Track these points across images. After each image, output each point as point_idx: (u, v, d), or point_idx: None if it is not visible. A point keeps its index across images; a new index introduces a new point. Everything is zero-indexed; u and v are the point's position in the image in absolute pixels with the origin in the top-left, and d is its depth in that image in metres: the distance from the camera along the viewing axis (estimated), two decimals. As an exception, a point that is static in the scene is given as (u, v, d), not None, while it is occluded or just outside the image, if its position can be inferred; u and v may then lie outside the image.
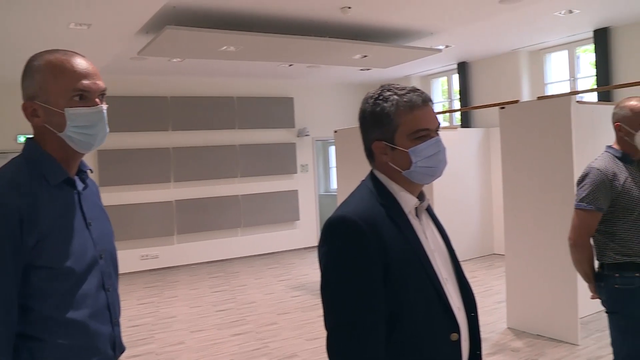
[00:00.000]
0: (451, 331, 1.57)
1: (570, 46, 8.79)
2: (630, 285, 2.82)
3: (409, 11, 6.61)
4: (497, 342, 5.14)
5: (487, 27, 7.58)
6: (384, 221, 1.54)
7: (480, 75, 9.95)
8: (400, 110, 1.57)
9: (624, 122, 2.91)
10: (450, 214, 8.44)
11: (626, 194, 2.82)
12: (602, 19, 7.60)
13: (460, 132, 9.14)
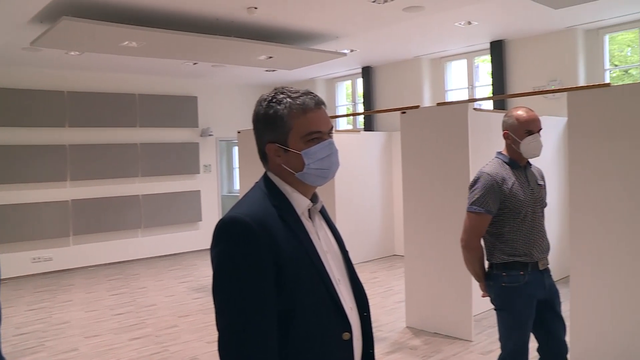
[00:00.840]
0: (343, 330, 1.60)
1: (469, 55, 9.18)
2: (516, 283, 2.99)
3: (315, 14, 6.67)
4: (396, 340, 5.27)
5: (391, 34, 7.77)
6: (276, 222, 1.55)
7: (383, 80, 10.19)
8: (293, 113, 1.59)
9: (511, 131, 3.08)
10: (352, 215, 8.58)
11: (513, 197, 2.99)
12: (499, 32, 8.00)
13: (363, 135, 9.32)
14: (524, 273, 2.99)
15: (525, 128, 3.04)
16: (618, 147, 4.12)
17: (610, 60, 8.06)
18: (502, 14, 6.98)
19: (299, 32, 7.54)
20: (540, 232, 3.08)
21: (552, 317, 3.12)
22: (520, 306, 3.01)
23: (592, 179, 4.24)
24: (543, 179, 3.25)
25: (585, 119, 4.28)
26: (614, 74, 8.21)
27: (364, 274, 8.07)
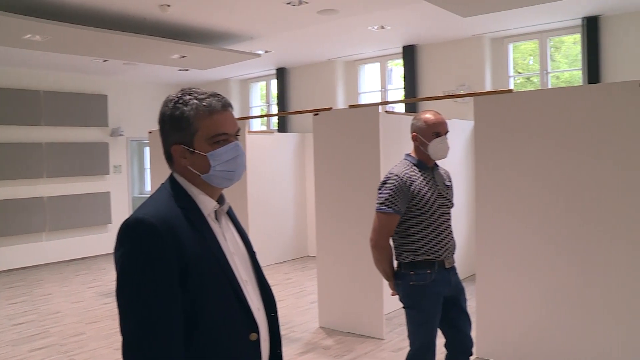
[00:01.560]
0: (250, 331, 1.61)
1: (382, 59, 9.37)
2: (423, 281, 3.08)
3: (229, 14, 6.61)
4: (310, 341, 5.30)
5: (306, 36, 7.82)
6: (182, 224, 1.54)
7: (298, 81, 10.24)
8: (199, 115, 1.59)
9: (420, 133, 3.17)
10: (265, 217, 8.56)
11: (421, 198, 3.07)
12: (411, 37, 8.21)
13: (276, 136, 9.33)
14: (431, 271, 3.09)
15: (433, 130, 3.13)
16: (521, 150, 4.33)
17: (514, 68, 8.46)
18: (414, 19, 7.17)
19: (213, 32, 7.45)
20: (446, 231, 3.19)
21: (458, 313, 3.24)
22: (428, 304, 3.10)
23: (497, 180, 4.44)
24: (450, 180, 3.36)
25: (490, 123, 4.47)
26: (517, 81, 8.62)
27: (277, 275, 8.08)
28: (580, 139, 4.10)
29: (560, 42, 8.65)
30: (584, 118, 4.09)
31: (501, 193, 4.42)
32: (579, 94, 4.23)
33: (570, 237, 4.15)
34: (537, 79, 8.18)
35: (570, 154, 4.14)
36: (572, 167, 4.14)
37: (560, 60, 8.85)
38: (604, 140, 4.01)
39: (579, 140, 4.11)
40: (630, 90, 3.93)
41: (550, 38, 8.08)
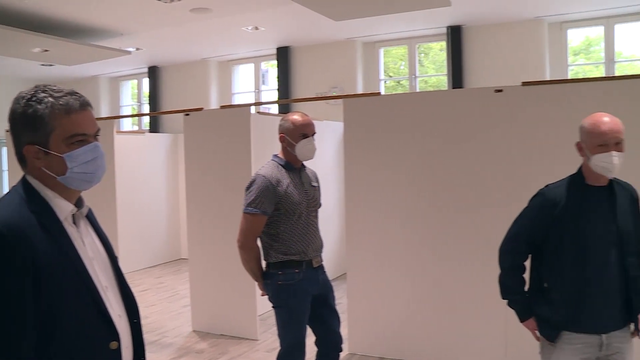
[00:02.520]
0: (111, 340, 1.55)
1: (257, 60, 9.38)
2: (292, 281, 3.11)
3: (97, 8, 6.32)
4: (182, 345, 5.19)
5: (178, 34, 7.66)
6: (34, 229, 1.45)
7: (170, 80, 9.99)
8: (55, 114, 1.50)
9: (287, 134, 3.20)
10: (136, 219, 8.28)
11: (288, 199, 3.10)
12: (285, 38, 8.28)
13: (148, 137, 9.05)
14: (299, 271, 3.13)
15: (301, 132, 3.17)
16: (388, 150, 4.50)
17: (385, 72, 8.79)
18: (288, 21, 7.24)
19: (80, 26, 7.09)
20: (314, 231, 3.24)
21: (327, 311, 3.30)
22: (296, 302, 3.13)
23: (365, 181, 4.58)
24: (317, 180, 3.42)
25: (358, 125, 4.61)
26: (388, 84, 8.96)
27: (149, 279, 7.83)
28: (444, 140, 4.33)
29: (429, 49, 9.11)
30: (448, 120, 4.32)
31: (369, 193, 4.57)
32: (443, 98, 4.47)
33: (436, 234, 4.37)
34: (406, 83, 8.55)
35: (435, 155, 4.36)
36: (436, 167, 4.36)
37: (428, 65, 9.32)
38: (465, 141, 4.26)
39: (443, 141, 4.33)
40: (488, 95, 4.21)
41: (419, 44, 8.47)
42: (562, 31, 7.61)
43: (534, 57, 7.46)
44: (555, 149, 3.85)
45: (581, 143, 2.40)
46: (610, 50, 7.48)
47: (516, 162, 4.12)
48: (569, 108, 3.76)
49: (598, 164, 2.33)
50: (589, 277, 2.35)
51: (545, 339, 2.45)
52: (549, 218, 2.41)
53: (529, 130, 4.09)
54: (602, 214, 2.40)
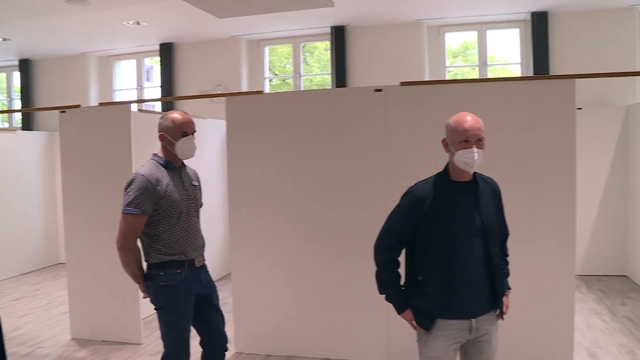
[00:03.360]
0: None
1: (139, 56, 9.08)
2: (174, 281, 3.05)
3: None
4: (61, 355, 4.92)
5: (53, 25, 7.26)
6: None
7: (45, 75, 9.46)
8: None
9: (167, 132, 3.12)
10: (8, 223, 7.81)
11: (168, 198, 3.03)
12: (168, 35, 8.08)
13: (20, 134, 8.48)
14: (181, 271, 3.07)
15: (180, 130, 3.11)
16: (271, 149, 4.51)
17: (271, 70, 8.79)
18: (171, 17, 7.07)
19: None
20: (195, 231, 3.19)
21: (211, 311, 3.26)
22: (179, 303, 3.07)
23: (248, 179, 4.56)
24: (198, 179, 3.37)
25: (241, 123, 4.58)
26: (275, 82, 8.98)
27: (23, 286, 7.36)
28: (326, 139, 4.40)
29: (314, 48, 9.22)
30: (330, 119, 4.40)
31: (252, 192, 4.56)
32: (325, 97, 4.53)
33: (319, 232, 4.43)
34: (292, 81, 8.61)
35: (317, 153, 4.42)
36: (319, 166, 4.42)
37: (313, 64, 9.44)
38: (346, 139, 4.36)
39: (325, 140, 4.40)
40: (368, 94, 4.33)
41: (304, 43, 8.55)
42: (440, 34, 7.97)
43: (414, 58, 7.76)
44: (432, 147, 4.01)
45: (446, 139, 2.55)
46: (483, 53, 7.92)
47: (395, 160, 4.26)
48: (446, 108, 3.92)
49: (460, 160, 2.48)
50: (458, 268, 2.50)
51: (421, 328, 2.56)
52: (418, 214, 2.52)
53: (408, 129, 4.24)
54: (467, 208, 2.55)
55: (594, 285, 6.68)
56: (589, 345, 4.75)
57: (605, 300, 6.09)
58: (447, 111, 2.65)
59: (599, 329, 5.15)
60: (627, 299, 6.11)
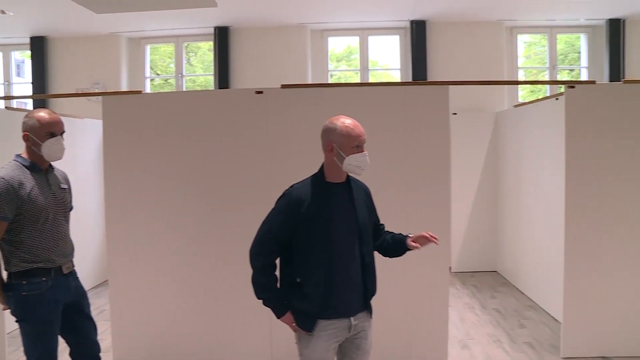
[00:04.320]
0: None
1: (6, 49, 8.49)
2: (38, 290, 2.86)
3: None
4: None
5: None
6: None
7: None
8: None
9: (32, 132, 2.93)
10: None
11: (32, 203, 2.84)
12: (39, 27, 7.63)
13: None
14: (47, 279, 2.89)
15: (47, 130, 2.92)
16: (151, 150, 4.35)
17: (153, 69, 8.53)
18: (42, 8, 6.67)
19: None
20: (63, 236, 3.01)
21: (81, 319, 3.10)
22: (44, 313, 2.88)
23: (127, 181, 4.37)
24: (67, 182, 3.18)
25: (118, 123, 4.39)
26: (157, 82, 8.72)
27: None
28: (208, 140, 4.32)
29: (197, 48, 9.05)
30: (211, 121, 4.32)
31: (130, 194, 4.38)
32: (206, 98, 4.45)
33: (200, 235, 4.34)
34: (174, 81, 8.40)
35: (198, 155, 4.32)
36: (200, 168, 4.33)
37: (196, 64, 9.25)
38: (228, 141, 4.30)
39: (206, 142, 4.32)
40: (250, 96, 4.30)
41: (187, 43, 8.38)
42: (323, 38, 8.08)
43: (297, 61, 7.82)
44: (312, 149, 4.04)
45: (332, 144, 2.55)
46: (365, 58, 8.13)
47: (275, 161, 4.27)
48: (326, 111, 3.96)
49: (352, 163, 2.53)
50: (337, 267, 2.53)
51: (302, 330, 2.57)
52: (295, 216, 2.53)
53: (288, 131, 4.26)
54: (343, 208, 2.59)
55: (467, 281, 7.05)
56: (462, 338, 5.02)
57: (477, 294, 6.44)
58: (327, 114, 2.68)
59: (471, 322, 5.44)
60: (496, 293, 6.50)
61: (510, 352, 4.67)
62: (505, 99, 7.92)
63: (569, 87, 4.40)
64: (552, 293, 5.47)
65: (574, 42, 8.68)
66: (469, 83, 4.64)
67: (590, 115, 4.41)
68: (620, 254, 4.46)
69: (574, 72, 8.61)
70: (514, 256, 6.83)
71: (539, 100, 6.09)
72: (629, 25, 7.91)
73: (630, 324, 4.50)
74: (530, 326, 5.30)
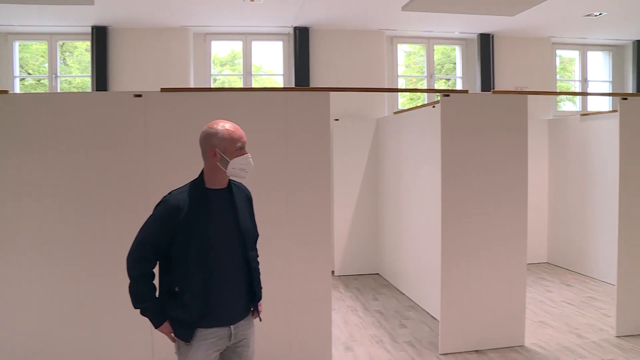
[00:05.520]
0: None
1: None
2: None
3: None
4: None
5: None
6: None
7: None
8: None
9: None
10: None
11: None
12: None
13: None
14: None
15: None
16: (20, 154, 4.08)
17: (24, 68, 8.02)
18: None
19: None
20: None
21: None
22: None
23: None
24: None
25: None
26: (28, 82, 8.20)
27: None
28: (84, 143, 4.11)
29: (74, 47, 8.60)
30: (89, 123, 4.12)
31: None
32: (81, 100, 4.22)
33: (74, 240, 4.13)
34: (47, 82, 7.94)
35: (74, 158, 4.11)
36: (75, 172, 4.11)
37: (73, 65, 8.80)
38: (105, 145, 4.12)
39: (82, 145, 4.11)
40: (128, 100, 4.15)
41: (62, 42, 7.95)
42: (207, 42, 7.97)
43: (180, 64, 7.65)
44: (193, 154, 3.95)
45: (215, 149, 2.50)
46: (249, 63, 8.11)
47: (155, 167, 4.16)
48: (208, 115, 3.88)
49: (237, 167, 2.52)
50: (216, 275, 2.50)
51: (181, 340, 2.50)
52: (174, 224, 2.46)
53: (168, 136, 4.15)
54: (224, 214, 2.57)
55: (351, 284, 7.19)
56: (346, 340, 5.11)
57: (360, 297, 6.59)
58: (209, 119, 2.63)
59: (354, 324, 5.56)
60: (378, 295, 6.68)
61: (392, 351, 4.81)
62: (385, 105, 8.18)
63: (444, 96, 4.63)
64: (431, 293, 5.71)
65: (450, 53, 9.12)
66: (350, 90, 4.76)
67: (463, 122, 4.66)
68: (489, 253, 4.76)
69: (450, 81, 9.05)
70: (395, 258, 7.06)
71: (418, 108, 6.34)
72: (497, 40, 8.46)
73: (500, 319, 4.81)
74: (411, 325, 5.49)
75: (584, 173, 7.58)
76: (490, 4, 5.68)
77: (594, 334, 5.18)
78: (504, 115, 4.76)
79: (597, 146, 7.35)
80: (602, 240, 7.20)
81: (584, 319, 5.64)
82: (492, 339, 4.81)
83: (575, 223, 7.81)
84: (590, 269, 7.54)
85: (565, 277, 7.54)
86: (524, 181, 4.83)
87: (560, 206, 8.13)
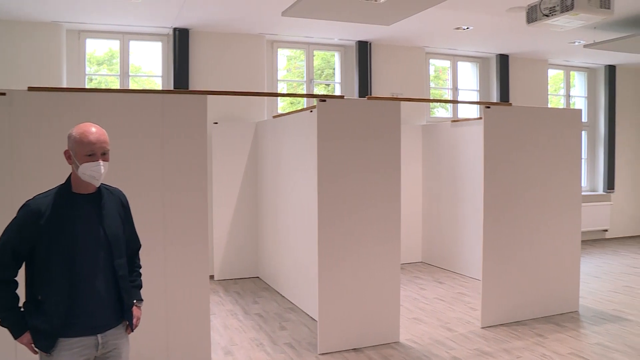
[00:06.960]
0: None
1: None
2: None
3: None
4: None
5: None
6: None
7: None
8: None
9: None
10: None
11: None
12: None
13: None
14: None
15: None
16: None
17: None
18: None
19: None
20: None
21: None
22: None
23: None
24: None
25: None
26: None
27: None
28: None
29: None
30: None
31: None
32: None
33: None
34: None
35: None
36: None
37: None
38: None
39: None
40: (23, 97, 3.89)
41: None
42: (81, 40, 7.63)
43: (51, 62, 7.27)
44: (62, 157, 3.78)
45: (70, 151, 2.45)
46: (126, 63, 7.86)
47: (20, 169, 3.93)
48: (79, 117, 3.76)
49: (86, 173, 2.43)
50: (80, 283, 2.42)
51: (42, 351, 2.40)
52: (35, 229, 2.37)
53: (36, 138, 3.94)
54: (90, 220, 2.49)
55: (230, 288, 7.16)
56: (226, 344, 5.09)
57: (240, 300, 6.57)
58: (81, 120, 2.54)
59: (234, 328, 5.54)
60: (258, 298, 6.70)
61: (271, 353, 4.84)
62: (265, 109, 8.22)
63: (321, 101, 4.74)
64: (309, 295, 5.81)
65: (329, 58, 9.32)
66: (228, 93, 4.75)
67: (339, 126, 4.80)
68: (364, 254, 4.93)
69: (330, 86, 9.25)
70: (274, 261, 7.11)
71: (296, 112, 6.43)
72: (375, 48, 8.76)
73: (376, 317, 4.98)
74: (291, 327, 5.55)
75: (455, 176, 8.03)
76: (366, 14, 5.88)
77: (462, 327, 5.50)
78: (378, 121, 4.95)
79: (465, 150, 7.81)
80: (471, 239, 7.66)
81: (453, 314, 5.97)
82: (369, 336, 4.97)
83: (447, 223, 8.25)
84: (460, 266, 7.99)
85: (438, 275, 7.94)
86: (397, 184, 5.04)
87: (434, 207, 8.56)
